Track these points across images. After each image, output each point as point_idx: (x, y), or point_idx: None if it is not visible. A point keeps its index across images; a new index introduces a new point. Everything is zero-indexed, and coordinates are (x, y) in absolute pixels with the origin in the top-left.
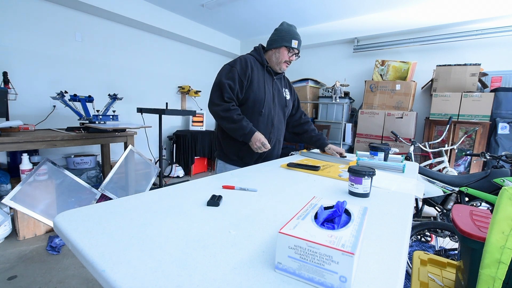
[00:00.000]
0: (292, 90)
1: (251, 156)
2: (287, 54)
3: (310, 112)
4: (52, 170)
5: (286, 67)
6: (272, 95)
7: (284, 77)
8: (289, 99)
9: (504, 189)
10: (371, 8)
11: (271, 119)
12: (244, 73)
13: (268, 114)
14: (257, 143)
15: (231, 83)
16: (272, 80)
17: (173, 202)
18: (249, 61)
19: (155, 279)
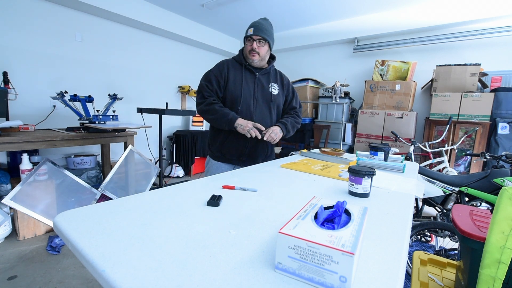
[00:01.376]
0: (285, 85)
1: (233, 153)
2: (248, 44)
3: (310, 112)
4: (52, 170)
5: (254, 56)
6: (253, 92)
7: (274, 72)
8: (277, 94)
9: (504, 189)
10: (371, 8)
11: (250, 116)
12: (220, 73)
13: (246, 111)
14: (249, 124)
15: (208, 84)
16: (254, 77)
17: (173, 202)
18: (225, 62)
19: (155, 279)
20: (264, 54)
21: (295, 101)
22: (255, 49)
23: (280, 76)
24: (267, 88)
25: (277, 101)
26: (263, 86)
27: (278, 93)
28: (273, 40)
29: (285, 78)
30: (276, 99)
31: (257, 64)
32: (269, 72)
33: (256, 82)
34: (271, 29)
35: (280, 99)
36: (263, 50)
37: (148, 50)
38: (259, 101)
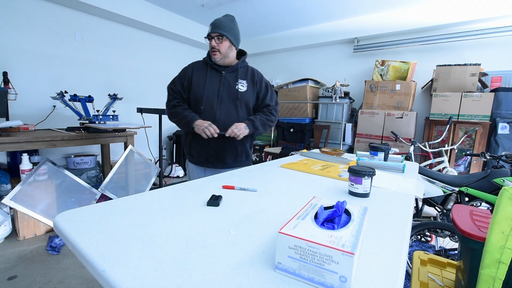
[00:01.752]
0: (256, 81)
1: (200, 154)
2: (209, 43)
3: (310, 112)
4: (52, 170)
5: (215, 55)
6: (217, 91)
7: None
8: (245, 91)
9: (504, 189)
10: (371, 8)
11: (213, 115)
12: (184, 75)
13: (209, 110)
14: (204, 124)
15: (172, 86)
16: (219, 76)
17: (173, 202)
18: (192, 64)
19: (155, 279)
20: (226, 51)
21: (269, 98)
22: (215, 46)
23: (251, 72)
24: (233, 86)
25: (244, 98)
26: (230, 84)
27: (247, 90)
28: (236, 36)
29: (257, 74)
30: (243, 96)
31: (221, 62)
32: (236, 69)
33: (222, 81)
34: (232, 24)
35: (248, 96)
36: (223, 46)
37: (148, 50)
38: (223, 100)
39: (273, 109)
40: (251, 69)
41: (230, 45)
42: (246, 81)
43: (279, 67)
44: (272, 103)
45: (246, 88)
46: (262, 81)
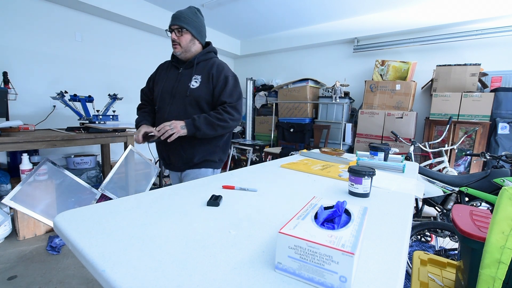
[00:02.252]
0: (213, 76)
1: (162, 156)
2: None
3: (310, 112)
4: (52, 170)
5: (176, 48)
6: (171, 88)
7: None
8: (197, 87)
9: (504, 189)
10: (371, 8)
11: (164, 114)
12: (152, 76)
13: (162, 109)
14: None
15: (143, 88)
16: (177, 73)
17: (173, 202)
18: (160, 65)
19: (155, 279)
20: (187, 45)
21: (227, 94)
22: (175, 40)
23: (211, 66)
24: (187, 82)
25: (194, 95)
26: (184, 81)
27: (199, 86)
28: (198, 28)
29: (217, 68)
30: (194, 93)
31: (183, 56)
32: (193, 64)
33: (179, 78)
34: (195, 16)
35: (200, 92)
36: (184, 40)
37: (148, 50)
38: (176, 98)
39: (229, 107)
40: (213, 62)
41: (192, 39)
42: (201, 77)
43: (279, 67)
44: (229, 99)
45: (199, 84)
46: (221, 75)
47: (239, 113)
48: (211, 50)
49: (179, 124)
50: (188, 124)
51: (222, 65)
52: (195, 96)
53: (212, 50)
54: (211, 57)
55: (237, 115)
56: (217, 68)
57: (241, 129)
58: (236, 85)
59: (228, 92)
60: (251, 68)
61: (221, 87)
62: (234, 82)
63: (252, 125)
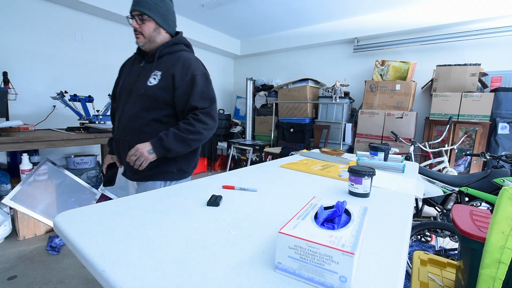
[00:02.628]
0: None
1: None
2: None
3: (310, 112)
4: (52, 170)
5: (138, 38)
6: (129, 85)
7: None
8: (154, 84)
9: (504, 189)
10: (371, 8)
11: (119, 115)
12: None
13: (118, 110)
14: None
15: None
16: (139, 67)
17: (173, 202)
18: (128, 58)
19: (155, 279)
20: (151, 34)
21: (196, 97)
22: (136, 28)
23: (175, 62)
24: (146, 78)
25: (150, 94)
26: (144, 77)
27: (157, 84)
28: (163, 16)
29: (182, 64)
30: (149, 91)
31: (146, 48)
32: (156, 58)
33: (140, 72)
34: (160, 2)
35: (158, 91)
36: (147, 28)
37: None
38: (131, 96)
39: (202, 114)
40: (179, 57)
41: (157, 27)
42: (162, 73)
43: (279, 67)
44: (201, 104)
45: (157, 81)
46: (186, 73)
47: (214, 120)
48: (179, 41)
49: (145, 150)
50: (156, 146)
51: (190, 60)
52: (150, 95)
53: (181, 41)
54: (179, 50)
55: (212, 123)
56: (182, 64)
57: (241, 129)
58: (208, 85)
59: (198, 95)
60: (251, 68)
61: (187, 88)
62: (205, 82)
63: (252, 125)
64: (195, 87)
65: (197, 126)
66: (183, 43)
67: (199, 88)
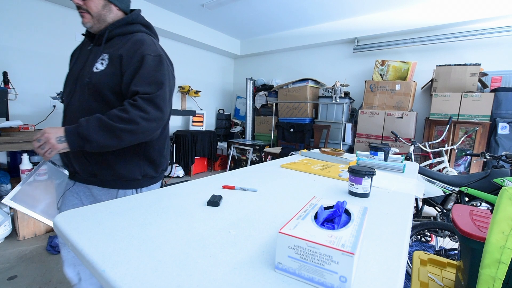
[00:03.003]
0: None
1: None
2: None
3: (310, 112)
4: (52, 170)
5: (83, 18)
6: (75, 73)
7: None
8: (100, 70)
9: (504, 189)
10: (371, 8)
11: (65, 105)
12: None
13: (64, 100)
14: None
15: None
16: (87, 51)
17: (173, 202)
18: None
19: (155, 279)
20: (99, 12)
21: (141, 80)
22: (80, 5)
23: (124, 42)
24: (92, 64)
25: (95, 82)
26: (91, 62)
27: (104, 71)
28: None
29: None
30: (95, 79)
31: (95, 29)
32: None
33: (88, 57)
34: None
35: (105, 78)
36: (94, 5)
37: None
38: (78, 86)
39: (143, 100)
40: (130, 38)
41: (106, 3)
42: (110, 56)
43: (279, 67)
44: (143, 88)
45: (104, 66)
46: (135, 53)
47: (159, 109)
48: (135, 20)
49: (54, 136)
50: (69, 134)
51: (143, 40)
52: (96, 84)
53: (137, 20)
54: (134, 31)
55: (154, 113)
56: (133, 44)
57: (241, 129)
58: (158, 68)
59: (143, 78)
60: (251, 68)
61: (132, 70)
62: (156, 64)
63: (252, 125)
64: (141, 69)
65: (131, 113)
66: (141, 23)
67: (145, 70)
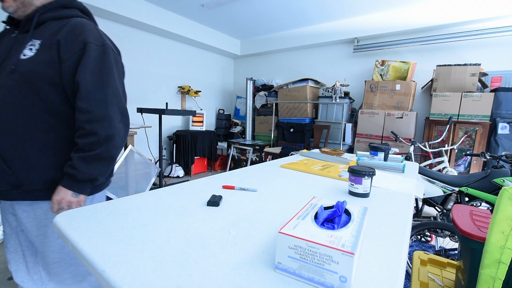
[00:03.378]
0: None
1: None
2: None
3: (310, 112)
4: None
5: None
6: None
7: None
8: (28, 58)
9: (504, 189)
10: (371, 8)
11: None
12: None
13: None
14: None
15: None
16: (10, 39)
17: (173, 202)
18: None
19: (155, 279)
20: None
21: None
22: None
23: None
24: (19, 51)
25: (23, 70)
26: (17, 50)
27: (34, 57)
28: None
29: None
30: (24, 66)
31: (20, 15)
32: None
33: (13, 45)
34: None
35: (36, 65)
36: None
37: (148, 50)
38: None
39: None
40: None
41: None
42: (40, 42)
43: (279, 67)
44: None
45: (35, 52)
46: (76, 39)
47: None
48: (70, 4)
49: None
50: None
51: (83, 25)
52: (25, 73)
53: (72, 4)
54: (70, 15)
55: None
56: (72, 28)
57: (241, 129)
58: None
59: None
60: (251, 68)
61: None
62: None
63: (252, 125)
64: (85, 59)
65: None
66: (77, 7)
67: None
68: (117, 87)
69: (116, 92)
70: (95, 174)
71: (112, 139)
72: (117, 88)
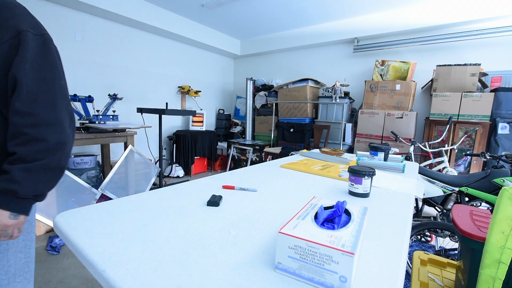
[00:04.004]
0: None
1: None
2: None
3: (310, 112)
4: None
5: None
6: None
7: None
8: None
9: (504, 189)
10: (371, 8)
11: None
12: None
13: None
14: None
15: None
16: None
17: (173, 202)
18: None
19: (155, 279)
20: None
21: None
22: None
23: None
24: None
25: None
26: None
27: None
28: None
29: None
30: None
31: None
32: None
33: None
34: None
35: None
36: None
37: (148, 50)
38: None
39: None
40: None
41: None
42: None
43: (279, 67)
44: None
45: None
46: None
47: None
48: None
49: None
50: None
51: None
52: None
53: None
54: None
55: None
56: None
57: (241, 129)
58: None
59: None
60: (251, 68)
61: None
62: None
63: (252, 125)
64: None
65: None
66: None
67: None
68: (64, 86)
69: (64, 92)
70: (41, 188)
71: (64, 146)
72: (64, 87)
